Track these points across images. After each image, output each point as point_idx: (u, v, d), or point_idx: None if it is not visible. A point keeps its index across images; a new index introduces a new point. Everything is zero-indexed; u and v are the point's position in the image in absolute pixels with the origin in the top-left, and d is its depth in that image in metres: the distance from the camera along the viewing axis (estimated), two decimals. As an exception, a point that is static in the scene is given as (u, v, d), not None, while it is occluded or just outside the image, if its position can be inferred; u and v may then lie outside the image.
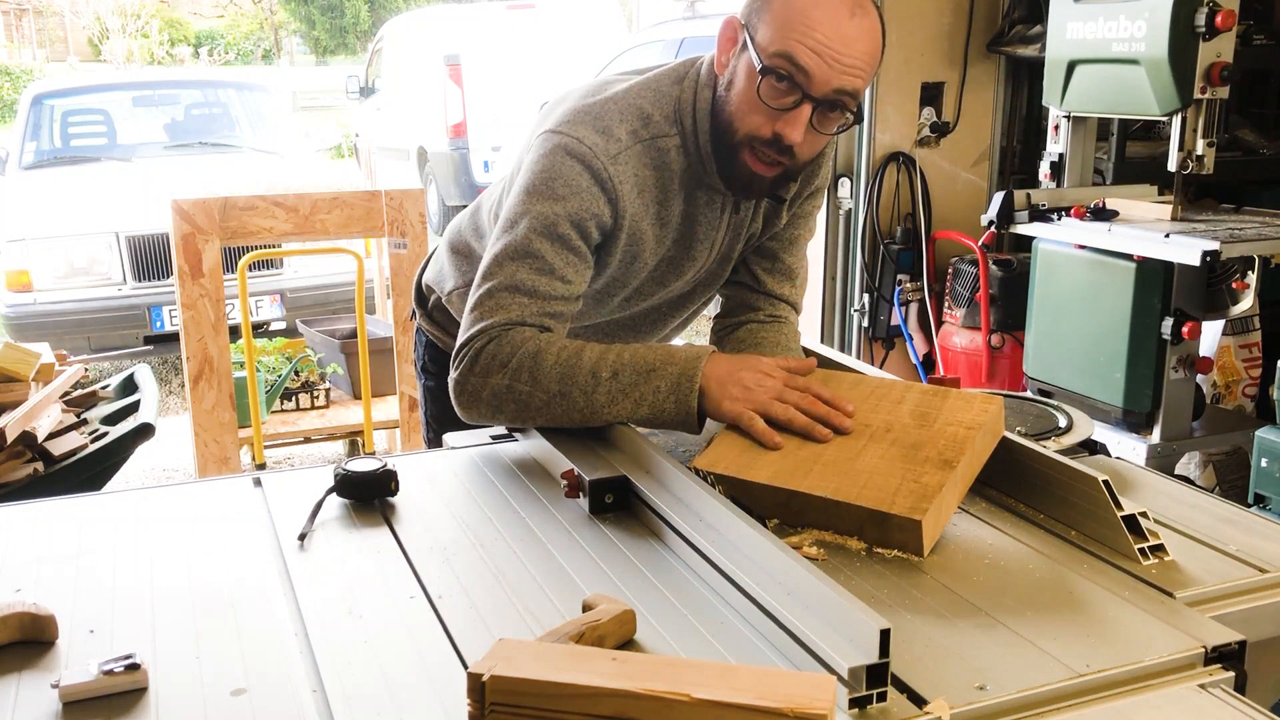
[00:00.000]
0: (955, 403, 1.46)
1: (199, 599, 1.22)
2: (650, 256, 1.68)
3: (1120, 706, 1.03)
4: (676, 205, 1.65)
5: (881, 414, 1.47)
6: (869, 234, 4.33)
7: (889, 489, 1.33)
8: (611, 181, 1.57)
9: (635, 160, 1.59)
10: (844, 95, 1.50)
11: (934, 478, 1.33)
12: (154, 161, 6.88)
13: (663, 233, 1.66)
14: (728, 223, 1.71)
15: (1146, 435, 3.32)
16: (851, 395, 1.52)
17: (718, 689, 0.89)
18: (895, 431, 1.43)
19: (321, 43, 28.28)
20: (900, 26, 4.18)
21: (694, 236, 1.69)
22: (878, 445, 1.41)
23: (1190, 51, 3.10)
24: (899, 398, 1.50)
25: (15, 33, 27.09)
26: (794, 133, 1.51)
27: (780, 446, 1.44)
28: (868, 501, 1.32)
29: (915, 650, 1.09)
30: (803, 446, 1.44)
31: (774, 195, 1.68)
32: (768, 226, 1.78)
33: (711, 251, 1.73)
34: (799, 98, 1.49)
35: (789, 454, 1.43)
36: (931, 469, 1.35)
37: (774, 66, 1.48)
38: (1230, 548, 1.33)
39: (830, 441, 1.44)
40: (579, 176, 1.56)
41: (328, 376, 4.44)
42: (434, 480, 1.57)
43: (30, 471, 2.65)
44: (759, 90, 1.50)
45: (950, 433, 1.41)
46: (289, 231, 3.69)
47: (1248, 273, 3.71)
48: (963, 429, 1.41)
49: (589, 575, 1.27)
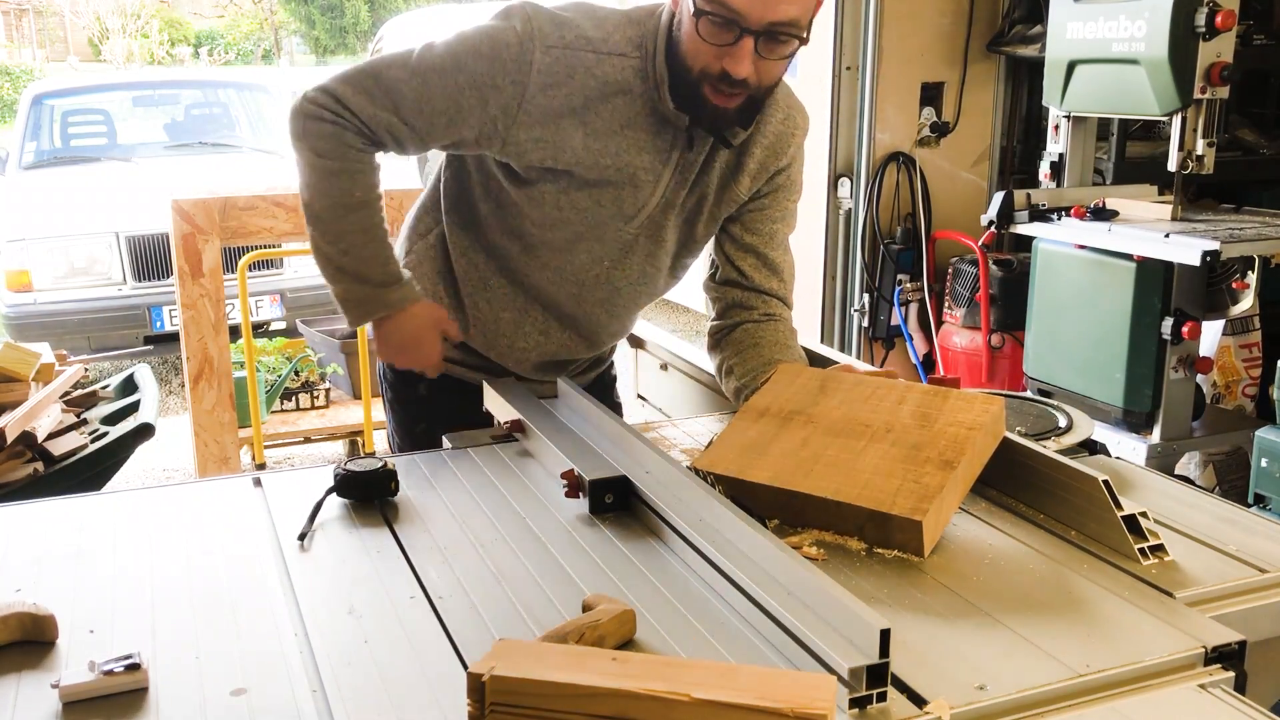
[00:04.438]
0: (956, 403, 1.47)
1: (199, 599, 1.22)
2: (579, 163, 1.67)
3: (1120, 706, 1.03)
4: (617, 122, 1.66)
5: (882, 414, 1.47)
6: (869, 234, 4.33)
7: (890, 489, 1.33)
8: (531, 67, 1.61)
9: (572, 63, 1.62)
10: (782, 26, 1.53)
11: (935, 478, 1.33)
12: (154, 161, 6.87)
13: (594, 143, 1.66)
14: (676, 162, 1.71)
15: (1146, 435, 3.32)
16: (852, 395, 1.52)
17: (718, 689, 0.89)
18: (896, 432, 1.43)
19: (321, 43, 28.25)
20: (900, 26, 4.18)
21: (636, 163, 1.69)
22: (878, 445, 1.41)
23: (1190, 51, 3.10)
24: (900, 398, 1.50)
25: (15, 33, 27.07)
26: (739, 67, 1.54)
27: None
28: (868, 502, 1.32)
29: (915, 650, 1.09)
30: (804, 446, 1.44)
31: (724, 139, 1.70)
32: (725, 191, 1.77)
33: (656, 188, 1.72)
34: (737, 34, 1.52)
35: (790, 454, 1.44)
36: (932, 469, 1.35)
37: (705, 8, 1.52)
38: (1230, 548, 1.33)
39: (831, 443, 1.44)
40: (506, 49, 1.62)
41: (328, 376, 4.44)
42: (434, 480, 1.57)
43: (30, 471, 2.65)
44: (699, 31, 1.54)
45: (951, 433, 1.41)
46: (289, 231, 3.69)
47: (1248, 273, 3.71)
48: (964, 429, 1.41)
49: (589, 575, 1.27)
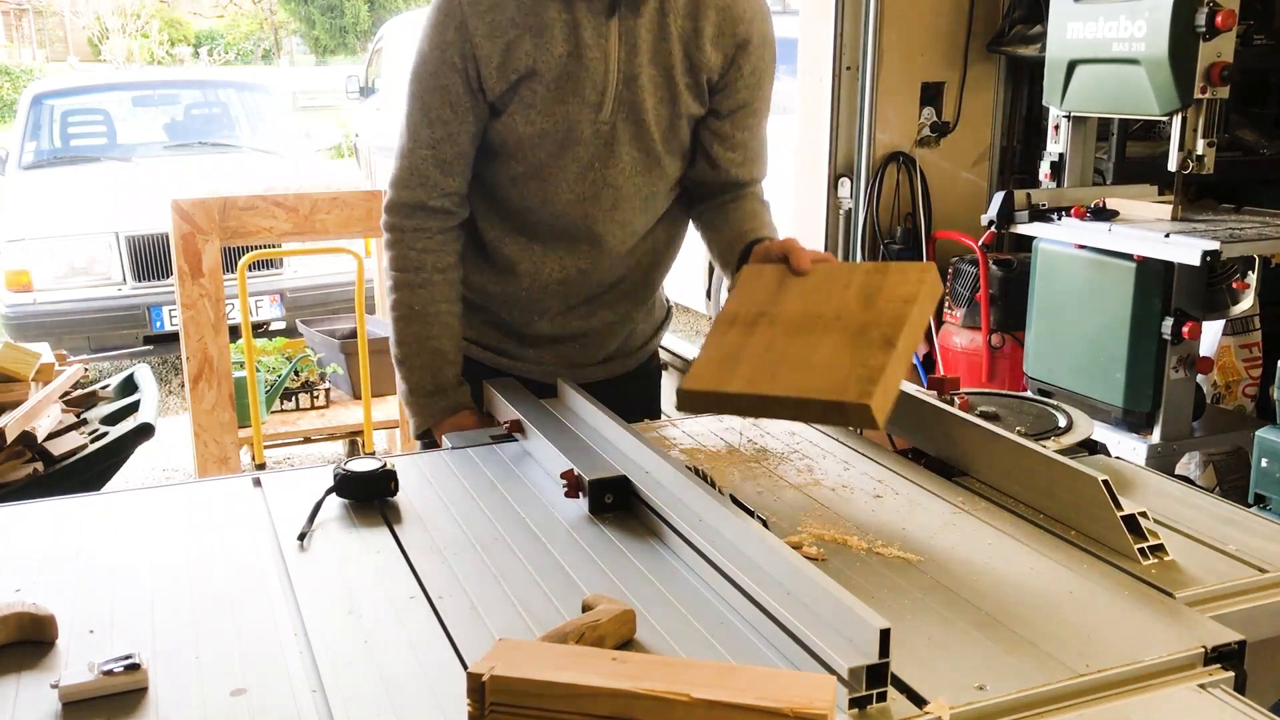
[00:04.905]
0: (894, 278, 1.54)
1: (199, 599, 1.22)
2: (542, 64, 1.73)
3: (1120, 706, 1.03)
4: (553, 11, 1.72)
5: (833, 302, 1.55)
6: (869, 234, 4.33)
7: (840, 377, 1.41)
8: (468, 26, 1.71)
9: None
10: None
11: (878, 359, 1.41)
12: (154, 161, 6.88)
13: (545, 40, 1.72)
14: (618, 32, 1.74)
15: (1146, 435, 3.32)
16: (805, 287, 1.60)
17: (718, 689, 0.89)
18: (844, 318, 1.51)
19: (321, 43, 28.25)
20: (900, 26, 4.18)
21: (582, 42, 1.73)
22: (830, 335, 1.49)
23: (1190, 51, 3.10)
24: (845, 281, 1.58)
25: (15, 33, 27.06)
26: None
27: None
28: (824, 394, 1.40)
29: (915, 650, 1.09)
30: (769, 350, 1.53)
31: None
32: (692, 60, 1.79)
33: (608, 63, 1.75)
34: None
35: (757, 358, 1.52)
36: (876, 350, 1.43)
37: None
38: (1230, 548, 1.33)
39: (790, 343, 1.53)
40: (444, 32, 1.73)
41: (328, 376, 4.44)
42: (434, 480, 1.57)
43: (30, 471, 2.65)
44: None
45: (891, 310, 1.48)
46: (289, 231, 3.69)
47: (1248, 273, 3.71)
48: (900, 304, 1.48)
49: (589, 575, 1.27)
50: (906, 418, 1.68)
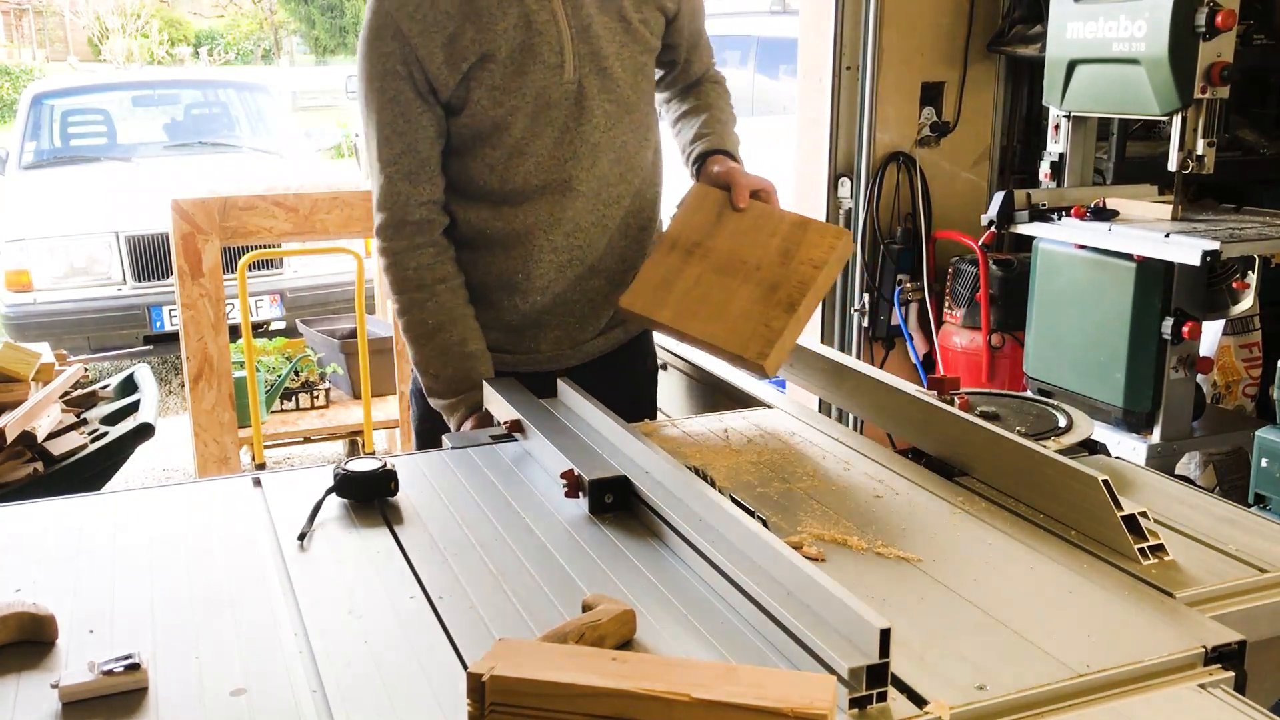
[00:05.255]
0: (813, 237, 1.68)
1: (199, 599, 1.22)
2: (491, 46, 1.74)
3: (1120, 706, 1.03)
4: None
5: (757, 249, 1.69)
6: (869, 234, 4.33)
7: (747, 333, 1.62)
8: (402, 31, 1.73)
9: None
10: None
11: (780, 321, 1.61)
12: (154, 161, 6.88)
13: (486, 21, 1.74)
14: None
15: (1146, 435, 3.31)
16: (741, 225, 1.74)
17: (718, 689, 0.89)
18: (763, 270, 1.66)
19: (321, 43, 28.23)
20: (900, 26, 4.18)
21: (527, 8, 1.75)
22: (748, 286, 1.67)
23: (1190, 51, 3.09)
24: (773, 230, 1.71)
25: (15, 33, 27.05)
26: None
27: None
28: (731, 346, 1.63)
29: (915, 650, 1.09)
30: (697, 285, 1.70)
31: None
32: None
33: (558, 25, 1.76)
34: None
35: (686, 293, 1.71)
36: (779, 312, 1.62)
37: None
38: (1230, 548, 1.33)
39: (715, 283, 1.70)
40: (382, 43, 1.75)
41: (327, 376, 4.44)
42: (434, 480, 1.57)
43: (30, 471, 2.65)
44: None
45: (801, 273, 1.64)
46: (289, 231, 3.69)
47: (1248, 272, 3.71)
48: (810, 268, 1.64)
49: (589, 575, 1.27)
50: (907, 418, 1.68)
